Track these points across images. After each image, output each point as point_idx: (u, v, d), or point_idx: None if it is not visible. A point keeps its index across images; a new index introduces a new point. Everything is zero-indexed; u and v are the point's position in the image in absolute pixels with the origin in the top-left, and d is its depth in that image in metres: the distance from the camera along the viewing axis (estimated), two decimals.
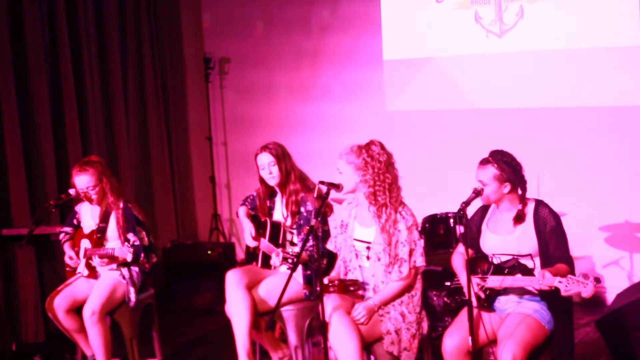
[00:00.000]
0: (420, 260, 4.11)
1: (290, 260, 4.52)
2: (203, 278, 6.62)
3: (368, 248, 4.12)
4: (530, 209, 3.96)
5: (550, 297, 3.76)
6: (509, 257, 3.94)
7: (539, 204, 3.97)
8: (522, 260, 3.91)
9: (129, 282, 4.90)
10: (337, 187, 4.10)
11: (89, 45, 6.46)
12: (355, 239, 4.20)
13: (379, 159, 4.10)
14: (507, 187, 3.93)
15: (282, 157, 4.72)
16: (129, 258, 4.77)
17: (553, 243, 3.87)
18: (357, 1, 6.97)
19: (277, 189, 4.82)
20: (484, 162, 3.99)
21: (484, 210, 4.13)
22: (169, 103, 7.33)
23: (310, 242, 4.01)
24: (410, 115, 6.79)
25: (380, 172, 4.08)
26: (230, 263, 6.71)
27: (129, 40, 6.90)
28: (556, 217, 3.92)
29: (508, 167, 3.92)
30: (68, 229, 5.13)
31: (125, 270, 4.90)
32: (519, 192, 3.97)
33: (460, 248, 4.09)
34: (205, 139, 7.67)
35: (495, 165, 3.93)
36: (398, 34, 6.74)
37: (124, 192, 5.07)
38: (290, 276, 3.95)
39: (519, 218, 3.95)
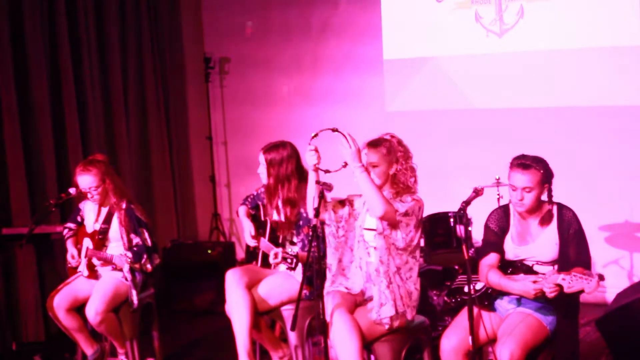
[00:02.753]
0: (403, 210, 3.97)
1: (289, 260, 4.52)
2: (203, 278, 6.61)
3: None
4: (553, 213, 3.92)
5: (554, 298, 3.73)
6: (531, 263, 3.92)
7: (562, 207, 3.92)
8: (543, 267, 3.89)
9: (131, 285, 4.90)
10: (329, 187, 4.08)
11: (89, 45, 6.46)
12: (365, 228, 4.18)
13: (408, 149, 4.14)
14: (546, 190, 3.87)
15: (275, 164, 4.70)
16: (126, 268, 4.79)
17: (574, 246, 3.83)
18: (357, 1, 6.97)
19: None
20: (523, 166, 3.84)
21: (506, 218, 4.02)
22: (169, 103, 7.33)
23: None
24: (410, 115, 6.79)
25: (410, 161, 4.12)
26: (230, 263, 6.71)
27: (129, 40, 6.90)
28: (579, 222, 3.88)
29: (546, 168, 3.85)
30: (72, 225, 5.13)
31: (127, 273, 4.91)
32: (549, 192, 3.91)
33: (488, 260, 3.98)
34: (205, 139, 7.67)
35: (537, 168, 3.83)
36: (398, 34, 6.75)
37: (127, 193, 5.07)
38: (301, 285, 3.93)
39: (546, 219, 3.89)
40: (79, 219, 5.13)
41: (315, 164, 4.10)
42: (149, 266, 4.96)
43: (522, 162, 3.87)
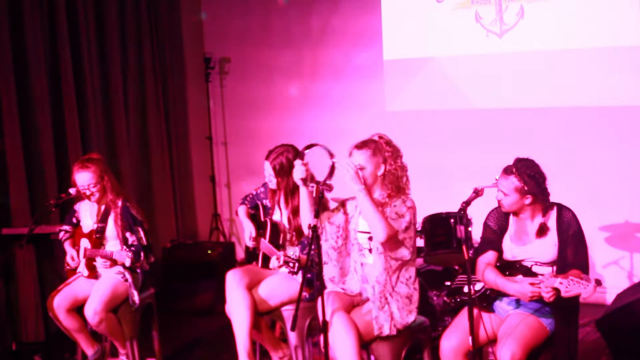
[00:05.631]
0: (408, 241, 4.02)
1: (291, 264, 4.51)
2: (203, 278, 6.61)
3: (370, 239, 4.11)
4: (552, 214, 3.93)
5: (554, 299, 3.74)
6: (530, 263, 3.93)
7: (562, 208, 3.93)
8: (542, 268, 3.90)
9: (131, 285, 4.90)
10: (329, 187, 4.08)
11: (89, 45, 6.46)
12: (359, 231, 4.18)
13: (397, 148, 4.13)
14: (529, 200, 3.89)
15: (283, 173, 4.69)
16: (127, 263, 4.78)
17: (572, 248, 3.84)
18: (357, 1, 6.97)
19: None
20: (507, 171, 3.90)
21: (505, 217, 4.04)
22: (169, 103, 7.33)
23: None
24: (411, 115, 6.79)
25: (400, 160, 4.10)
26: (230, 263, 6.71)
27: (129, 40, 6.90)
28: (578, 223, 3.89)
29: (531, 180, 3.85)
30: (67, 228, 5.13)
31: (127, 273, 4.90)
32: (541, 203, 3.92)
33: (485, 258, 4.02)
34: (205, 139, 7.67)
35: (518, 177, 3.86)
36: (398, 34, 6.74)
37: (122, 192, 5.08)
38: (301, 286, 3.94)
39: (542, 231, 3.90)
40: (74, 220, 5.12)
41: (302, 178, 4.10)
42: (146, 265, 4.97)
43: (508, 167, 3.92)
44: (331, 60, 7.17)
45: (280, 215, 4.80)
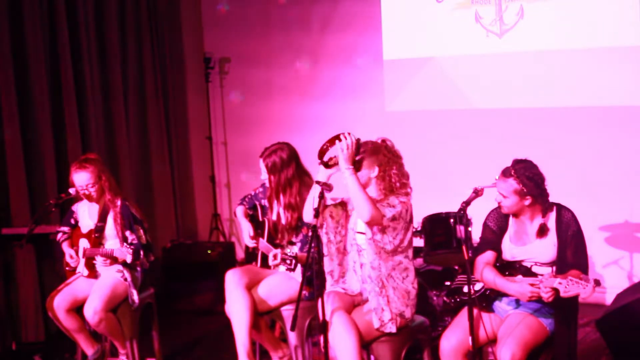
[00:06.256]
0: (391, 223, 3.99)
1: (288, 262, 4.51)
2: (203, 278, 6.62)
3: None
4: (552, 215, 3.93)
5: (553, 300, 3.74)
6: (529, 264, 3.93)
7: (561, 208, 3.93)
8: (541, 268, 3.90)
9: (131, 284, 4.90)
10: (329, 187, 4.08)
11: (89, 45, 6.46)
12: (357, 232, 4.18)
13: (398, 154, 4.11)
14: (528, 201, 3.89)
15: (275, 170, 4.69)
16: (129, 259, 4.77)
17: (572, 248, 3.84)
18: (357, 1, 6.97)
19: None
20: (505, 173, 3.90)
21: (505, 217, 4.04)
22: (169, 103, 7.34)
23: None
24: (410, 115, 6.79)
25: (396, 167, 4.08)
26: (230, 263, 6.71)
27: (129, 39, 6.90)
28: (578, 223, 3.89)
29: (529, 182, 3.85)
30: (65, 229, 5.12)
31: (127, 273, 4.90)
32: (541, 204, 3.92)
33: (484, 258, 4.02)
34: (205, 139, 7.68)
35: (517, 179, 3.86)
36: (398, 34, 6.74)
37: (121, 191, 5.07)
38: (301, 286, 3.93)
39: (542, 231, 3.91)
40: (72, 221, 5.11)
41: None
42: (146, 263, 4.97)
43: (507, 169, 3.92)
44: (331, 61, 7.16)
45: (271, 212, 4.80)
